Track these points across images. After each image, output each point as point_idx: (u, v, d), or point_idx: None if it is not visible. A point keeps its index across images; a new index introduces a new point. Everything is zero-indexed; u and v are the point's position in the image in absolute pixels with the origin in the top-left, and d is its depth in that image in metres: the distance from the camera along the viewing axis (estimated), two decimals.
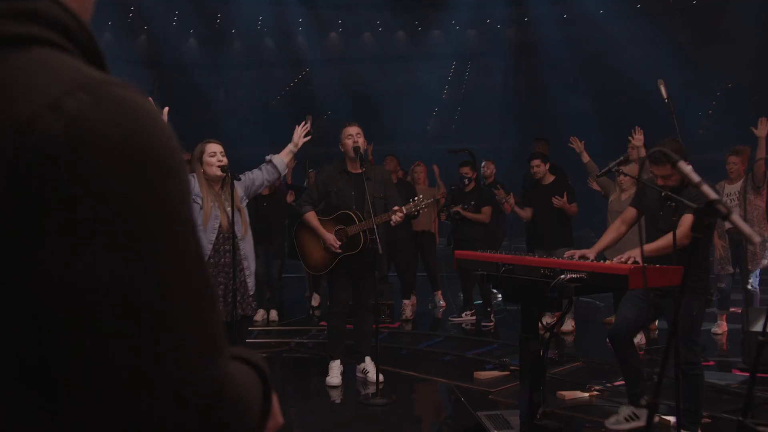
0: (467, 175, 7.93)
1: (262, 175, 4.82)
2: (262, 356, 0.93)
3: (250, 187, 4.78)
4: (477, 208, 7.76)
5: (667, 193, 3.97)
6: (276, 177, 4.90)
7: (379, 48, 21.88)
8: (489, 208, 7.82)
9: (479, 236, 7.68)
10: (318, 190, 5.63)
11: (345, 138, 5.52)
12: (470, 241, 7.51)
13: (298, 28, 21.35)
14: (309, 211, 5.54)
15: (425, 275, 8.75)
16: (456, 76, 22.18)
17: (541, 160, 7.22)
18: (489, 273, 4.40)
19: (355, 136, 5.48)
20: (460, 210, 7.75)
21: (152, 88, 21.22)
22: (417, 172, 8.52)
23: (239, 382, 0.76)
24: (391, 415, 4.94)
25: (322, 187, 5.62)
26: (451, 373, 5.89)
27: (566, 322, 7.34)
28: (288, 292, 10.03)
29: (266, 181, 4.86)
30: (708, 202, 1.61)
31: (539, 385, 4.18)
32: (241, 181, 4.72)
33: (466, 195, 7.89)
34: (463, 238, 7.66)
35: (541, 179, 7.25)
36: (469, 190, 7.92)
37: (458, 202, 7.85)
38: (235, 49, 21.99)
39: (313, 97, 21.16)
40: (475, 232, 7.73)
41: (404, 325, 7.91)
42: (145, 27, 21.44)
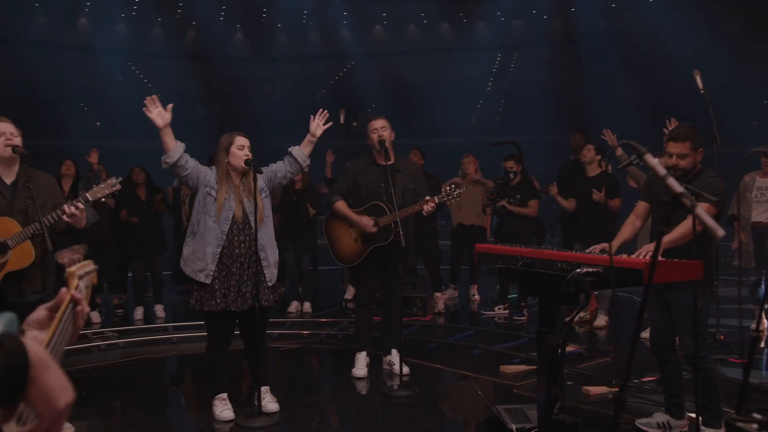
0: (512, 169, 7.84)
1: (285, 167, 4.89)
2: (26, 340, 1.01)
3: (273, 179, 4.86)
4: (523, 202, 7.69)
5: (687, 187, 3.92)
6: (298, 169, 4.95)
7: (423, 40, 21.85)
8: (536, 202, 7.72)
9: (526, 230, 7.59)
10: (347, 183, 5.67)
11: (371, 132, 5.56)
12: (516, 235, 7.45)
13: (343, 21, 21.45)
14: (338, 200, 5.59)
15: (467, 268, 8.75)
16: (501, 67, 22.00)
17: (595, 147, 7.09)
18: (508, 266, 4.39)
19: (380, 129, 5.52)
20: (505, 204, 7.69)
21: (199, 82, 21.63)
22: (466, 164, 8.47)
23: None
24: (412, 407, 4.97)
25: (351, 179, 5.66)
26: (478, 366, 5.88)
27: (599, 317, 7.26)
28: (324, 285, 10.15)
29: (289, 173, 4.93)
30: (673, 195, 1.60)
31: (557, 380, 4.16)
32: (264, 173, 4.81)
33: (511, 189, 7.81)
34: (509, 233, 7.58)
35: (585, 169, 7.12)
36: (515, 184, 7.84)
37: (504, 196, 7.77)
38: (280, 43, 22.24)
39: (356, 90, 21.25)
40: (521, 226, 7.64)
41: (436, 318, 7.92)
42: (193, 23, 21.84)
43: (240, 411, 4.69)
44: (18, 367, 0.96)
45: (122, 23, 22.01)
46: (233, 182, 4.61)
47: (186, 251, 4.59)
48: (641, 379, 5.37)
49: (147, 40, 21.91)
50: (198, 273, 4.50)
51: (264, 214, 4.67)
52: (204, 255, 4.49)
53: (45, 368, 1.02)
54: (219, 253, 4.49)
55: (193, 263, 4.53)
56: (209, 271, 4.48)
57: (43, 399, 1.02)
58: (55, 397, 1.04)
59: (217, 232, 4.50)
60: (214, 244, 4.49)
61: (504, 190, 7.86)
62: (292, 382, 5.82)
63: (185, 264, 4.58)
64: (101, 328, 7.31)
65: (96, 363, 6.18)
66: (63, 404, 1.05)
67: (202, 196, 4.58)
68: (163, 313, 7.92)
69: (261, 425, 4.49)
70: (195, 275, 4.52)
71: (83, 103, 20.68)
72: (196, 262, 4.52)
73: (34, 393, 1.00)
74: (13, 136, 4.08)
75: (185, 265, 4.58)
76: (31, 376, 0.99)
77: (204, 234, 4.51)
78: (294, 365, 6.39)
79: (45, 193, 4.21)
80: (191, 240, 4.59)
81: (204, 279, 4.48)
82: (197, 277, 4.51)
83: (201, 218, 4.55)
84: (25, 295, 4.10)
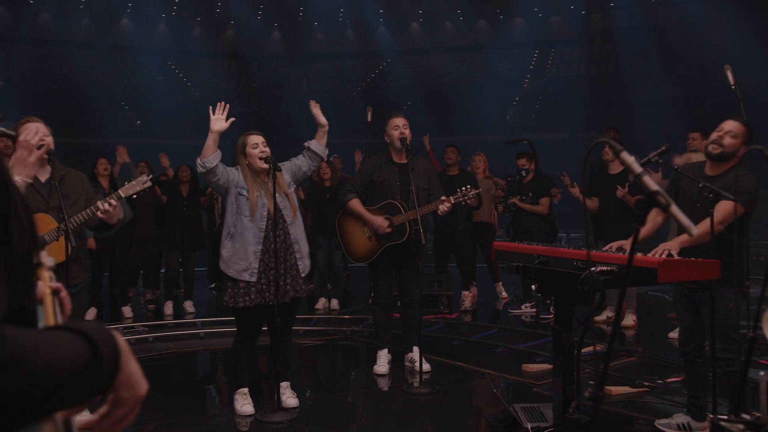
0: (524, 167, 7.84)
1: (307, 162, 4.96)
2: (111, 329, 1.02)
3: (296, 173, 4.92)
4: (535, 200, 7.66)
5: (704, 184, 3.85)
6: (319, 160, 5.02)
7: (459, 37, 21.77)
8: (547, 200, 7.70)
9: (539, 228, 7.58)
10: (362, 180, 5.69)
11: (391, 129, 5.56)
12: (530, 232, 7.44)
13: (379, 19, 21.50)
14: (352, 198, 5.62)
15: (485, 266, 8.72)
16: (538, 64, 21.81)
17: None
18: (525, 264, 4.37)
19: (402, 127, 5.52)
20: (517, 201, 7.67)
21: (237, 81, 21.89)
22: (476, 162, 8.48)
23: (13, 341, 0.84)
24: (429, 404, 4.99)
25: (366, 177, 5.67)
26: (501, 365, 5.86)
27: (627, 316, 7.17)
28: (354, 282, 10.20)
29: (311, 166, 4.99)
30: (649, 193, 1.59)
31: (572, 379, 4.13)
32: (287, 167, 4.87)
33: (524, 186, 7.79)
34: (523, 230, 7.58)
35: (608, 167, 7.04)
36: (527, 182, 7.82)
37: (516, 194, 7.75)
38: (316, 42, 22.37)
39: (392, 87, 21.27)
40: (534, 223, 7.63)
41: (463, 316, 7.90)
42: (231, 22, 22.12)
43: (260, 405, 4.76)
44: (113, 355, 1.01)
45: (162, 23, 22.41)
46: (260, 179, 4.68)
47: (225, 253, 4.64)
48: (666, 380, 5.29)
49: (186, 39, 22.25)
50: (242, 273, 4.56)
51: (296, 207, 4.75)
52: (246, 254, 4.56)
53: (128, 356, 1.06)
54: (260, 250, 4.57)
55: (236, 264, 4.59)
56: (253, 269, 4.55)
57: (127, 386, 1.06)
58: (137, 383, 1.08)
59: (254, 231, 4.57)
60: (254, 243, 4.56)
61: (516, 187, 7.83)
62: (313, 378, 5.89)
63: (227, 266, 4.62)
64: (132, 323, 7.48)
65: None
66: (143, 391, 1.10)
67: (234, 197, 4.64)
68: (193, 308, 8.06)
69: (279, 420, 4.55)
70: (239, 275, 4.57)
71: (124, 102, 21.10)
72: (238, 262, 4.58)
73: (123, 379, 1.04)
74: (46, 137, 4.22)
75: (227, 267, 4.62)
76: (120, 364, 1.03)
77: (242, 234, 4.58)
78: (317, 361, 6.46)
79: (78, 189, 4.35)
80: (229, 242, 4.64)
81: (249, 277, 4.55)
82: (242, 277, 4.56)
83: (237, 219, 4.61)
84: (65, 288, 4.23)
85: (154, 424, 4.71)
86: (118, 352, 1.01)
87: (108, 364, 0.98)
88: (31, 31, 21.36)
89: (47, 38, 21.38)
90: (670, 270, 3.54)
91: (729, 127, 3.99)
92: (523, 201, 7.64)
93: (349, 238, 5.72)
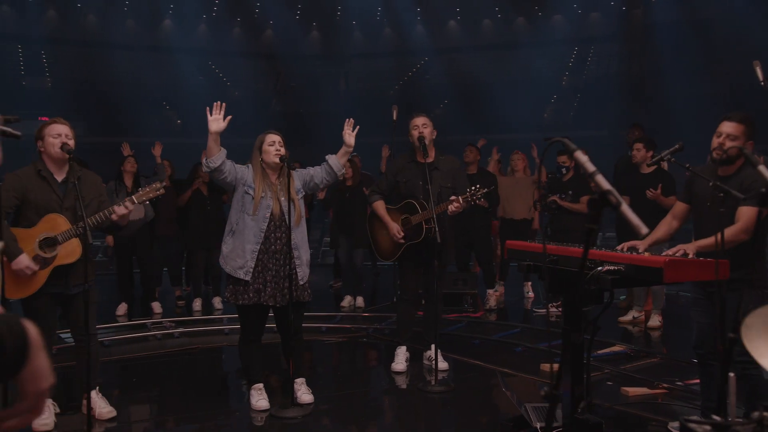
0: (565, 164, 7.75)
1: (321, 174, 4.98)
2: (27, 322, 1.07)
3: (308, 182, 4.95)
4: (575, 198, 7.57)
5: (715, 183, 3.77)
6: (333, 177, 5.03)
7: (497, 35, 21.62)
8: (588, 198, 7.59)
9: (578, 226, 7.49)
10: (387, 180, 5.76)
11: (411, 129, 5.60)
12: (568, 231, 7.36)
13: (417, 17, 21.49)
14: (377, 201, 5.69)
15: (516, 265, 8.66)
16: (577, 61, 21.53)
17: (645, 144, 6.89)
18: (536, 263, 4.35)
19: (421, 126, 5.54)
20: (557, 199, 7.59)
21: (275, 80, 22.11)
22: (515, 161, 8.42)
23: None
24: (443, 402, 5.01)
25: (391, 177, 5.74)
26: (519, 364, 5.83)
27: (653, 317, 7.06)
28: (382, 280, 10.24)
29: (324, 180, 5.02)
30: (601, 192, 1.59)
31: (581, 379, 4.10)
32: (300, 174, 4.92)
33: (564, 184, 7.71)
34: (561, 229, 7.50)
35: (639, 166, 6.93)
36: (568, 180, 7.73)
37: (556, 192, 7.67)
38: (354, 41, 22.46)
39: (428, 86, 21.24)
40: (573, 222, 7.54)
41: (488, 315, 7.87)
42: (270, 22, 22.34)
43: (277, 401, 4.83)
44: (21, 346, 1.04)
45: (203, 24, 22.76)
46: (270, 180, 4.73)
47: (225, 249, 4.73)
48: (686, 382, 5.20)
49: (226, 40, 22.57)
50: (238, 270, 4.64)
51: (300, 213, 4.78)
52: (243, 252, 4.62)
53: (39, 350, 1.09)
54: (257, 250, 4.63)
55: (233, 261, 4.67)
56: (248, 268, 4.61)
57: (33, 379, 1.09)
58: (43, 378, 1.10)
59: (255, 230, 4.63)
60: (253, 242, 4.62)
61: (556, 185, 7.74)
62: (331, 375, 5.96)
63: (225, 262, 4.72)
64: (161, 319, 7.64)
65: (150, 351, 6.46)
66: (47, 385, 1.12)
67: (240, 195, 4.72)
68: (221, 305, 8.19)
69: (293, 415, 4.62)
70: (235, 272, 4.65)
71: (165, 102, 21.50)
72: (235, 259, 4.65)
73: (28, 372, 1.07)
74: (68, 138, 4.36)
75: (225, 262, 4.72)
76: (29, 356, 1.06)
77: (243, 232, 4.64)
78: (337, 358, 6.52)
79: (92, 191, 4.48)
80: (230, 238, 4.72)
81: (243, 276, 4.62)
82: (237, 274, 4.64)
83: (240, 217, 4.68)
84: (69, 287, 4.37)
85: (172, 418, 4.84)
86: (26, 346, 1.04)
87: (11, 355, 1.02)
88: (78, 34, 21.91)
89: (93, 40, 21.91)
90: (676, 270, 3.50)
91: (727, 129, 3.91)
92: (563, 199, 7.56)
93: (377, 236, 5.83)
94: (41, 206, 4.25)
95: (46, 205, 4.27)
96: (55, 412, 4.53)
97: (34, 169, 4.34)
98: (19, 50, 21.98)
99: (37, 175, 4.32)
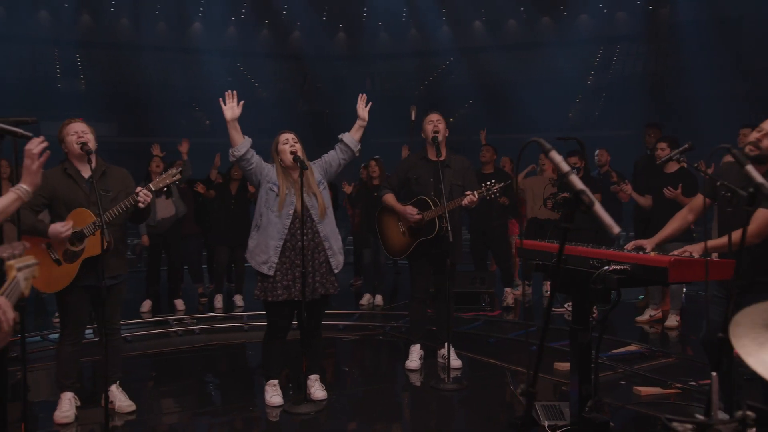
0: (575, 165, 7.75)
1: (337, 155, 5.05)
2: None
3: (328, 169, 5.04)
4: None
5: (722, 182, 3.77)
6: (350, 154, 5.09)
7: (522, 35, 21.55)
8: (598, 196, 7.58)
9: (588, 225, 7.47)
10: (398, 177, 5.80)
11: (426, 124, 5.64)
12: (578, 230, 7.35)
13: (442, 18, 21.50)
14: (387, 194, 5.75)
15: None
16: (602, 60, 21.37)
17: (669, 144, 6.85)
18: (544, 262, 4.38)
19: (436, 122, 5.58)
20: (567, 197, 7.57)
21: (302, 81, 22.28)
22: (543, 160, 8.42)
23: None
24: (453, 400, 5.06)
25: (402, 174, 5.78)
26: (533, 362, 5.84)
27: (671, 317, 7.04)
28: (404, 278, 10.29)
29: (342, 160, 5.08)
30: (574, 192, 1.64)
31: (589, 378, 4.13)
32: (318, 164, 5.01)
33: None
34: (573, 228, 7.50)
35: (663, 166, 6.89)
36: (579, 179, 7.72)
37: (567, 191, 7.66)
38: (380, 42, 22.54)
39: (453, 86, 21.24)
40: (583, 220, 7.50)
41: (505, 314, 7.90)
42: (298, 23, 22.52)
43: (291, 397, 4.93)
44: None
45: (232, 26, 23.03)
46: (292, 177, 4.83)
47: (251, 244, 4.84)
48: (699, 382, 5.18)
49: (254, 41, 22.80)
50: (262, 265, 4.74)
51: (324, 206, 4.87)
52: (267, 248, 4.73)
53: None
54: (281, 246, 4.73)
55: (257, 256, 4.77)
56: (272, 263, 4.72)
57: None
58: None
59: (279, 226, 4.73)
60: (276, 238, 4.72)
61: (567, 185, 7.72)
62: (346, 372, 6.04)
63: (250, 256, 4.83)
64: (183, 316, 7.80)
65: (171, 347, 6.61)
66: None
67: (265, 191, 4.82)
68: (242, 302, 8.32)
69: (306, 411, 4.70)
70: (259, 267, 4.76)
71: (194, 103, 21.80)
72: (259, 254, 4.76)
73: None
74: (84, 134, 4.50)
75: (250, 257, 4.83)
76: None
77: (267, 228, 4.75)
78: (352, 356, 6.60)
79: (119, 184, 4.64)
80: (255, 234, 4.84)
81: (267, 271, 4.72)
82: (261, 269, 4.75)
83: (264, 213, 4.79)
84: (100, 280, 4.51)
85: (190, 412, 4.95)
86: None
87: None
88: (110, 37, 22.33)
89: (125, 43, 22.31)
90: (680, 270, 3.51)
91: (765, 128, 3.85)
92: None
93: (386, 233, 5.87)
94: (69, 202, 4.43)
95: (74, 200, 4.44)
96: (77, 405, 4.66)
97: (61, 168, 4.52)
98: (55, 53, 22.46)
99: (63, 173, 4.50)
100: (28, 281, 1.68)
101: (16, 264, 1.61)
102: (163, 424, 4.74)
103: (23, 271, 1.65)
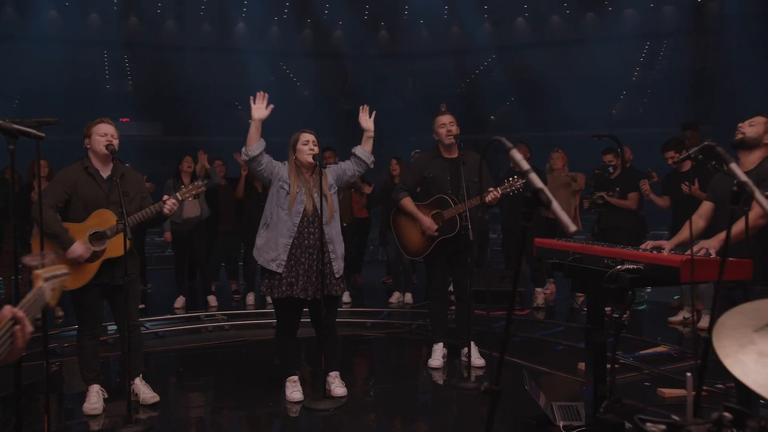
0: (611, 163, 7.66)
1: (353, 167, 5.10)
2: None
3: (341, 177, 5.08)
4: (623, 195, 7.47)
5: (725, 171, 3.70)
6: (365, 167, 5.13)
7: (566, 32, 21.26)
8: (636, 194, 7.46)
9: (627, 224, 7.39)
10: (414, 177, 5.79)
11: (438, 127, 5.63)
12: (617, 229, 7.27)
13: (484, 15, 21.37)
14: (405, 197, 5.72)
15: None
16: (648, 56, 20.93)
17: (675, 150, 6.84)
18: (560, 261, 4.34)
19: (448, 125, 5.58)
20: (604, 195, 7.49)
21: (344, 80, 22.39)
22: (554, 159, 8.36)
23: None
24: (472, 398, 5.03)
25: (418, 173, 5.77)
26: (558, 362, 5.80)
27: (703, 317, 6.88)
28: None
29: (357, 172, 5.13)
30: (533, 190, 1.63)
31: (604, 378, 4.09)
32: (333, 170, 5.06)
33: (611, 182, 7.62)
34: (609, 227, 7.42)
35: (679, 165, 6.83)
36: (614, 177, 7.64)
37: (603, 190, 7.58)
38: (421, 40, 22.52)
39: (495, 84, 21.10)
40: (621, 220, 7.43)
41: (535, 313, 7.83)
42: (340, 22, 22.65)
43: (311, 393, 4.98)
44: None
45: (274, 26, 23.29)
46: (304, 177, 4.88)
47: (259, 241, 4.90)
48: (727, 384, 5.06)
49: (296, 40, 23.02)
50: (270, 262, 4.80)
51: (333, 209, 4.91)
52: (276, 245, 4.79)
53: None
54: (290, 243, 4.78)
55: (266, 253, 4.84)
56: (281, 261, 4.77)
57: None
58: None
59: (288, 224, 4.78)
60: (286, 236, 4.77)
61: (603, 183, 7.64)
62: (368, 369, 6.07)
63: (258, 254, 4.89)
64: (214, 312, 7.94)
65: (201, 342, 6.75)
66: None
67: (276, 189, 4.88)
68: None
69: (325, 407, 4.74)
70: (267, 264, 4.82)
71: (237, 102, 22.10)
72: (268, 252, 4.82)
73: None
74: (114, 138, 4.63)
75: (258, 254, 4.89)
76: None
77: (277, 225, 4.81)
78: (377, 353, 6.62)
79: (136, 187, 4.75)
80: (264, 231, 4.89)
81: (276, 268, 4.78)
82: (269, 266, 4.80)
83: (274, 210, 4.85)
84: (115, 279, 4.64)
85: (213, 406, 5.05)
86: None
87: None
88: (156, 38, 22.81)
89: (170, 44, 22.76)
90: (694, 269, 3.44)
91: (749, 119, 3.87)
92: (611, 196, 7.45)
93: (404, 234, 5.82)
94: (89, 201, 4.53)
95: (94, 200, 4.54)
96: (104, 398, 4.80)
97: (81, 165, 4.63)
98: (105, 55, 23.04)
99: (84, 171, 4.60)
100: (55, 291, 1.71)
101: (43, 274, 1.65)
102: (185, 416, 4.84)
103: (50, 282, 1.68)
